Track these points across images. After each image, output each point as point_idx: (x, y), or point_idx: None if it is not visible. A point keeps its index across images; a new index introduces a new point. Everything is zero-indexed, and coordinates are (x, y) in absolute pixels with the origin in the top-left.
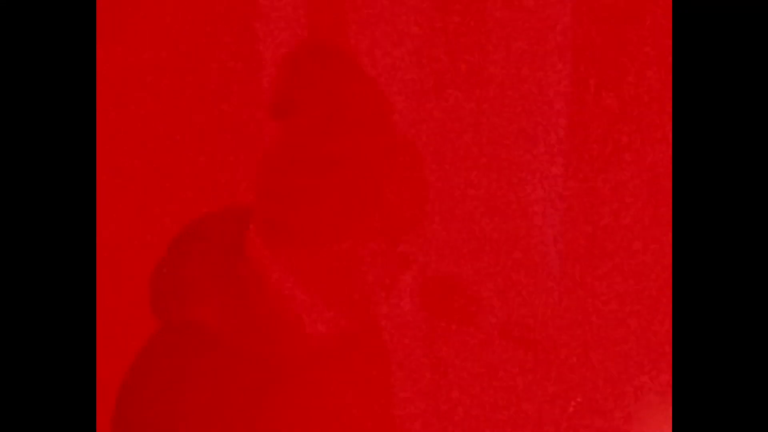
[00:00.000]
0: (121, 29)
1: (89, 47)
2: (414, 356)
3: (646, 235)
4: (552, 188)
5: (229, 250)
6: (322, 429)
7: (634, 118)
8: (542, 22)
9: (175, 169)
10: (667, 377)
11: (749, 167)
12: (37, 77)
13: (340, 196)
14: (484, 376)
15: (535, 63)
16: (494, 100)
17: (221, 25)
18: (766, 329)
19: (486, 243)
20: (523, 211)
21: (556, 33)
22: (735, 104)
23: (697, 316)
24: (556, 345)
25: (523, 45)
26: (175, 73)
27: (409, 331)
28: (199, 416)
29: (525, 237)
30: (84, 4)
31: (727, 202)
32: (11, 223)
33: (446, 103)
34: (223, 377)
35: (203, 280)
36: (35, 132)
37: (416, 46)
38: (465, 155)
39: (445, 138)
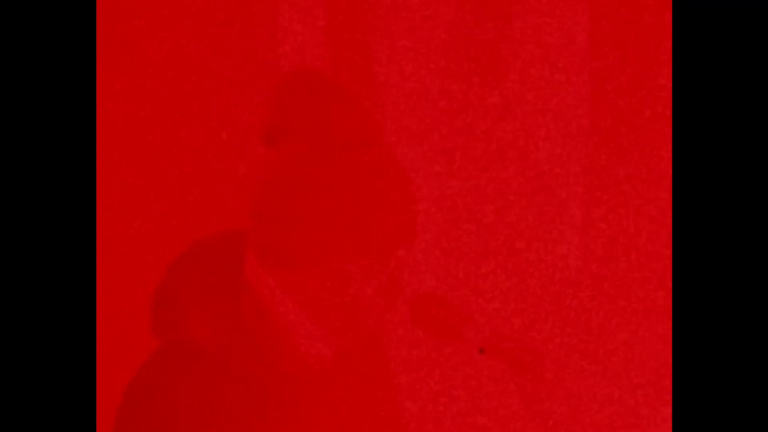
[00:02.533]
0: (121, 30)
1: (89, 47)
2: (408, 372)
3: (647, 250)
4: (552, 205)
5: (228, 272)
6: None
7: (634, 125)
8: (561, 29)
9: (175, 194)
10: (666, 405)
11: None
12: (37, 77)
13: (332, 217)
14: (473, 392)
15: (554, 69)
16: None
17: (221, 39)
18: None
19: (476, 260)
20: (520, 227)
21: (574, 39)
22: (743, 106)
23: (699, 336)
24: (543, 360)
25: (541, 53)
26: (175, 88)
27: (404, 348)
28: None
29: (518, 254)
30: (84, 4)
31: (729, 204)
32: (10, 232)
33: (457, 117)
34: (221, 398)
35: (202, 301)
36: (35, 132)
37: (435, 52)
38: (460, 170)
39: (442, 151)
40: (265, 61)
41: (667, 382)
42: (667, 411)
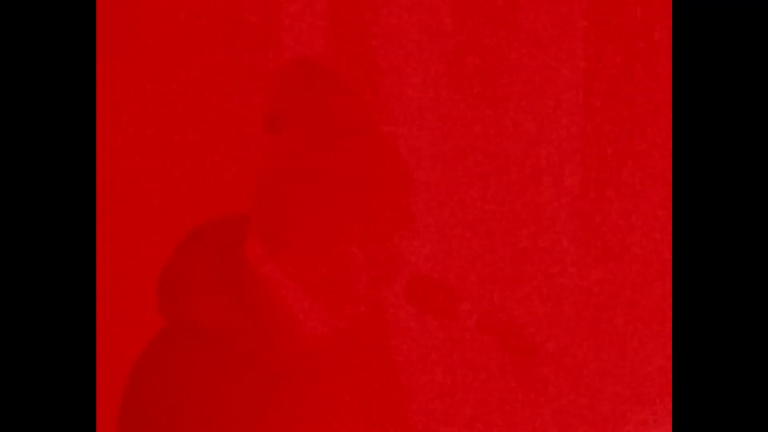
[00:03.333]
0: (122, 32)
1: (89, 34)
2: (404, 354)
3: (648, 239)
4: (550, 191)
5: (230, 255)
6: (322, 427)
7: (636, 125)
8: (556, 29)
9: (179, 178)
10: (663, 378)
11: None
12: (37, 78)
13: (331, 201)
14: (468, 373)
15: (549, 67)
16: (502, 105)
17: (220, 35)
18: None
19: (474, 242)
20: (516, 211)
21: (570, 41)
22: (740, 107)
23: (697, 319)
24: (539, 342)
25: (537, 52)
26: (175, 88)
27: (402, 328)
28: (199, 415)
29: (515, 237)
30: (84, 5)
31: (730, 204)
32: (11, 224)
33: (456, 107)
34: (223, 377)
35: (206, 283)
36: (35, 132)
37: (436, 40)
38: (461, 159)
39: (440, 136)
40: (267, 50)
41: (667, 363)
42: (667, 391)
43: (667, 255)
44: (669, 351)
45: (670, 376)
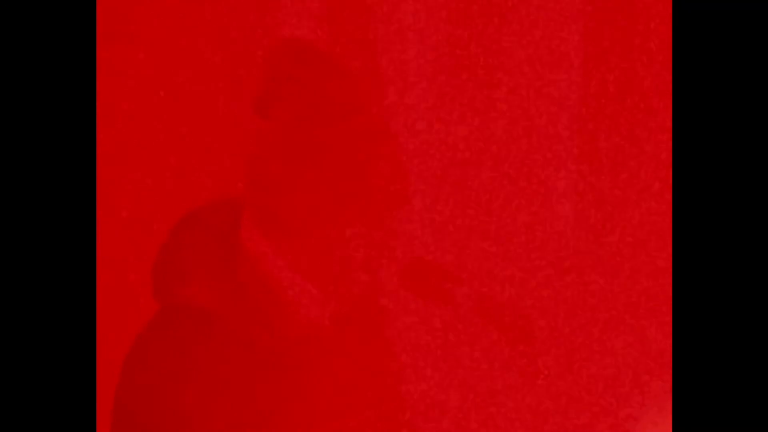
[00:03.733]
0: (121, 29)
1: (89, 18)
2: (400, 338)
3: (647, 229)
4: (548, 177)
5: (225, 239)
6: (320, 411)
7: (637, 118)
8: (555, 24)
9: (173, 163)
10: (665, 367)
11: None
12: (36, 45)
13: (326, 184)
14: (465, 359)
15: (547, 59)
16: (501, 93)
17: (217, 25)
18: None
19: (472, 224)
20: (516, 197)
21: (568, 36)
22: (739, 105)
23: (696, 315)
24: (538, 329)
25: (536, 44)
26: (172, 73)
27: (398, 311)
28: (195, 402)
29: (512, 219)
30: (84, 4)
31: (729, 203)
32: (11, 210)
33: (455, 99)
34: (219, 362)
35: (201, 268)
36: (35, 102)
37: (432, 31)
38: (462, 145)
39: (435, 117)
40: (262, 33)
41: (667, 348)
42: (667, 377)
43: (667, 240)
44: (669, 339)
45: (670, 361)
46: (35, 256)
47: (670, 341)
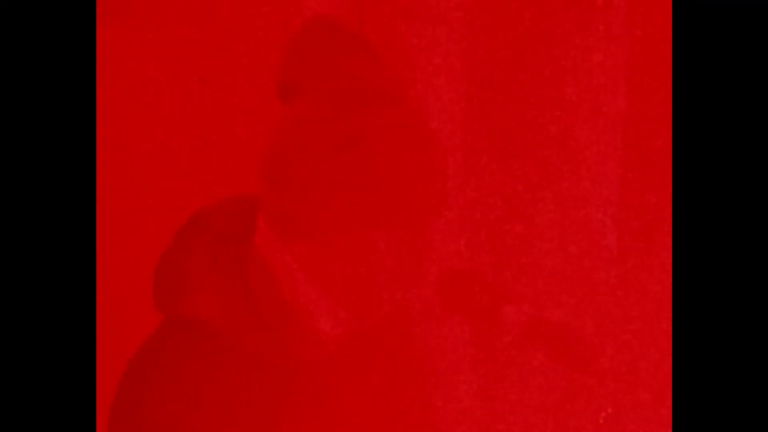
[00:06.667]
0: (124, 4)
1: (89, 12)
2: (433, 362)
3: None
4: (597, 182)
5: (237, 242)
6: None
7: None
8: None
9: (179, 156)
10: None
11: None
12: (35, 29)
13: (354, 183)
14: (506, 380)
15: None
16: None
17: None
18: None
19: (516, 235)
20: (563, 201)
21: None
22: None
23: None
24: (593, 351)
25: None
26: (180, 51)
27: (429, 329)
28: (198, 425)
29: (563, 230)
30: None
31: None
32: (11, 212)
33: (494, 91)
34: (226, 383)
35: (208, 274)
36: (35, 86)
37: (471, 14)
38: (500, 141)
39: (476, 112)
40: (285, 11)
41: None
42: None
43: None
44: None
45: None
46: (34, 257)
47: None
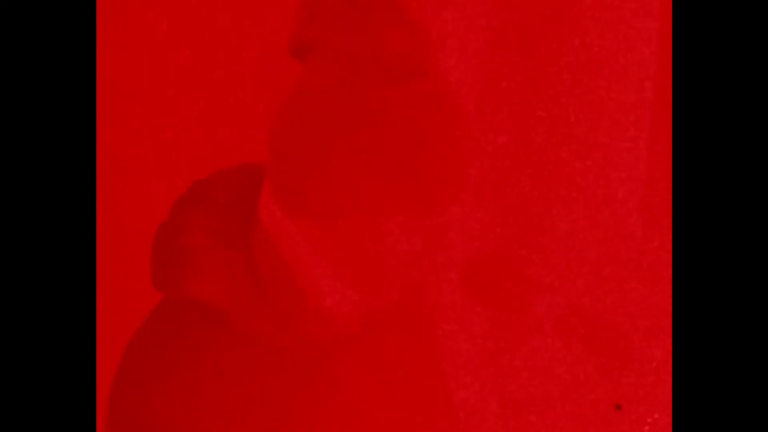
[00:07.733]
0: None
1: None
2: (454, 348)
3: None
4: (633, 166)
5: (240, 217)
6: (346, 428)
7: None
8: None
9: (180, 119)
10: None
11: None
12: (36, 14)
13: (370, 156)
14: (538, 373)
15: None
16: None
17: None
18: None
19: (548, 221)
20: (598, 187)
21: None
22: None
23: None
24: (630, 345)
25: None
26: (185, 9)
27: (449, 318)
28: (200, 411)
29: (596, 217)
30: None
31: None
32: (11, 198)
33: (524, 69)
34: (230, 366)
35: (209, 251)
36: (35, 66)
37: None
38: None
39: (506, 88)
40: None
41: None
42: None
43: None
44: None
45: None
46: (33, 243)
47: None
